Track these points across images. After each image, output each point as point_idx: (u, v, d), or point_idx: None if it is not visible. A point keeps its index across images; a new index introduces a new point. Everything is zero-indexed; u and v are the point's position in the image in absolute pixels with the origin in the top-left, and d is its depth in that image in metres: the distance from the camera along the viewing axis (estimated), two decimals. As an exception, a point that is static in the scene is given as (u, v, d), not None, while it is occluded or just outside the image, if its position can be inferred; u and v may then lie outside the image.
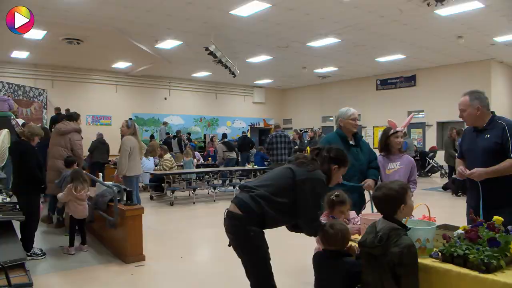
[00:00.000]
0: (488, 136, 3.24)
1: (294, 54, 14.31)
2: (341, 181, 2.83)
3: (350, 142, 3.97)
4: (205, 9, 9.44)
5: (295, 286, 4.29)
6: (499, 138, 3.16)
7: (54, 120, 11.71)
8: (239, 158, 14.89)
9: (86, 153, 12.59)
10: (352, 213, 3.20)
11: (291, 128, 20.65)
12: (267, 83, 21.59)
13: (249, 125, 22.51)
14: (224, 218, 2.66)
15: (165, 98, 19.65)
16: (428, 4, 8.91)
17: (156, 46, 12.77)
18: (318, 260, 2.58)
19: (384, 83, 18.59)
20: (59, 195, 5.61)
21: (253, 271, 2.62)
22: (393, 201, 2.29)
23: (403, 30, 11.25)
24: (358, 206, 3.76)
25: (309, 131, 17.65)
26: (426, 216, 2.54)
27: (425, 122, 17.19)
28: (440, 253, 2.22)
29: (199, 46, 12.10)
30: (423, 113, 17.26)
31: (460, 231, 2.33)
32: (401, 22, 10.56)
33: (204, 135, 20.41)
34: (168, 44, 12.66)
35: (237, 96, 22.13)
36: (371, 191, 3.67)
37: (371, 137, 18.62)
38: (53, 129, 7.28)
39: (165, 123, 18.42)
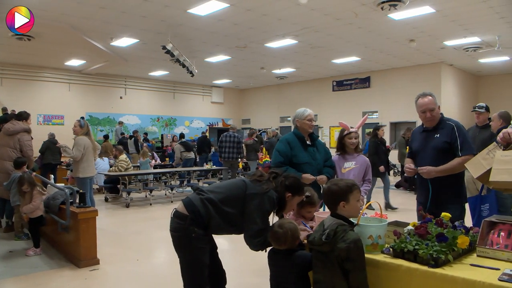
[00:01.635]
0: (438, 136, 3.40)
1: (253, 55, 14.37)
2: (295, 209, 2.84)
3: (308, 142, 4.05)
4: (162, 7, 9.30)
5: (262, 285, 4.31)
6: (448, 138, 3.33)
7: (2, 120, 11.18)
8: (198, 158, 14.79)
9: (37, 154, 12.14)
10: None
11: (250, 128, 20.70)
12: (225, 83, 21.55)
13: (207, 125, 22.38)
14: (171, 217, 2.68)
15: (121, 97, 19.19)
16: (382, 8, 9.17)
17: (112, 43, 12.46)
18: (272, 256, 2.60)
19: (340, 84, 19.01)
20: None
21: (187, 272, 2.65)
22: (334, 197, 2.35)
23: (358, 33, 11.53)
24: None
25: (268, 131, 17.77)
26: (378, 213, 2.61)
27: (379, 123, 17.67)
28: (391, 249, 2.29)
29: (156, 44, 11.91)
30: (377, 113, 17.79)
31: (410, 227, 2.42)
32: (356, 25, 10.82)
33: (162, 135, 20.10)
34: (124, 42, 12.37)
35: (195, 96, 21.94)
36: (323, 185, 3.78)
37: (328, 137, 18.98)
38: (1, 130, 6.96)
39: (120, 123, 18.01)
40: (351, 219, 2.36)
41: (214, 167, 12.53)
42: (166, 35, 11.24)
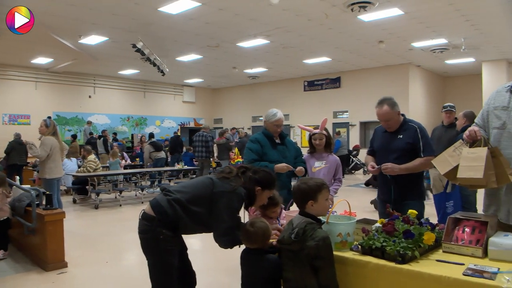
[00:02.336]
0: (401, 137, 3.51)
1: (225, 54, 14.33)
2: (265, 202, 2.84)
3: (277, 141, 4.09)
4: (132, 5, 9.16)
5: (233, 284, 4.30)
6: (411, 139, 3.46)
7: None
8: (169, 158, 14.66)
9: (2, 154, 11.76)
10: (283, 211, 3.27)
11: (222, 127, 20.62)
12: (197, 82, 21.41)
13: (179, 125, 22.17)
14: (139, 219, 2.63)
15: (90, 96, 18.78)
16: (352, 10, 9.30)
17: (80, 41, 12.17)
18: (243, 257, 2.60)
19: (311, 85, 19.20)
20: None
21: (155, 275, 2.61)
22: (303, 195, 2.38)
23: (329, 33, 11.67)
24: (287, 202, 3.87)
25: (239, 130, 17.77)
26: (347, 211, 2.65)
27: (349, 122, 17.99)
28: (359, 246, 2.32)
29: (126, 43, 11.73)
30: (347, 113, 18.06)
31: (378, 224, 2.46)
32: (327, 26, 10.95)
33: (132, 135, 19.80)
34: (93, 39, 12.11)
35: (166, 95, 21.70)
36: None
37: (299, 137, 19.13)
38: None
39: (89, 123, 17.64)
40: (319, 217, 2.39)
41: (186, 167, 12.43)
42: (136, 33, 11.09)
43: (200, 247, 5.85)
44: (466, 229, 2.35)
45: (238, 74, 18.47)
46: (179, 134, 19.22)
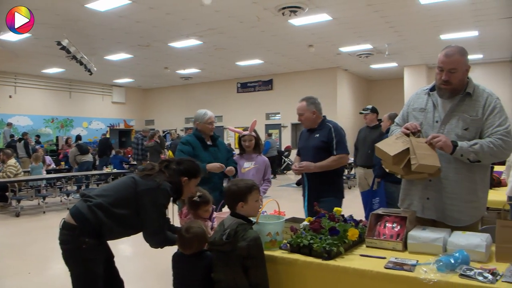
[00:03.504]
0: (318, 135, 3.75)
1: (156, 54, 14.03)
2: (193, 192, 2.83)
3: (208, 143, 4.09)
4: (57, 0, 8.69)
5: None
6: (325, 138, 3.69)
7: None
8: (98, 161, 14.09)
9: None
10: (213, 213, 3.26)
11: (153, 129, 20.11)
12: (127, 82, 20.75)
13: (108, 126, 21.35)
14: (59, 229, 2.48)
15: (10, 96, 17.52)
16: (283, 14, 9.50)
17: (-1, 37, 11.36)
18: (177, 259, 2.54)
19: (244, 86, 19.36)
20: None
21: (79, 286, 2.47)
22: (233, 197, 2.39)
23: (261, 36, 11.82)
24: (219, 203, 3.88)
25: (172, 132, 17.50)
26: (276, 211, 2.70)
27: (281, 124, 18.35)
28: (288, 245, 2.37)
29: (50, 39, 11.10)
30: (279, 115, 18.42)
31: (305, 223, 2.53)
32: (259, 29, 11.08)
33: (57, 137, 18.76)
34: (14, 35, 11.30)
35: (94, 95, 20.82)
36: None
37: (233, 138, 19.17)
38: None
39: (9, 124, 16.44)
40: (250, 217, 2.41)
41: (115, 170, 11.99)
42: (62, 30, 10.53)
43: (130, 253, 5.68)
44: (388, 225, 2.48)
45: (170, 75, 18.17)
46: (108, 136, 18.52)
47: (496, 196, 4.58)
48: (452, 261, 1.95)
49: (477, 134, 2.49)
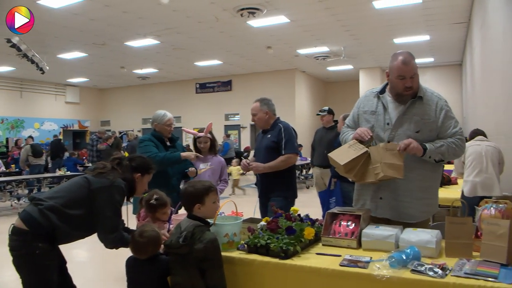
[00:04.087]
0: (269, 136, 3.82)
1: (112, 53, 13.69)
2: (146, 188, 2.79)
3: (168, 144, 4.05)
4: (5, -5, 8.32)
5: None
6: (276, 138, 3.76)
7: None
8: (50, 164, 13.58)
9: None
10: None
11: (110, 130, 19.64)
12: (82, 81, 20.11)
13: (61, 127, 20.60)
14: (9, 235, 2.36)
15: (-46, 95, 16.65)
16: (241, 15, 9.51)
17: None
18: (132, 264, 2.47)
19: (203, 87, 19.24)
20: None
21: None
22: (190, 198, 2.36)
23: (220, 37, 11.79)
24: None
25: (129, 133, 17.11)
26: (234, 212, 2.69)
27: (240, 124, 18.37)
28: (246, 245, 2.37)
29: (0, 37, 10.60)
30: (238, 116, 18.43)
31: (263, 223, 2.54)
32: (217, 30, 11.05)
33: (7, 138, 17.92)
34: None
35: (47, 95, 20.03)
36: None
37: (191, 139, 18.99)
38: None
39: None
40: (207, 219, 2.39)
41: (69, 173, 11.59)
42: (10, 27, 10.07)
43: (87, 258, 5.51)
44: (343, 223, 2.52)
45: (127, 74, 17.78)
46: (60, 137, 17.88)
47: (447, 193, 4.80)
48: (404, 257, 2.01)
49: (428, 136, 2.60)
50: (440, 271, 1.90)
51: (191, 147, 4.74)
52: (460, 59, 15.34)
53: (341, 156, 2.55)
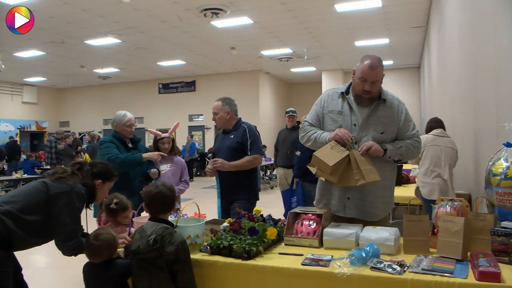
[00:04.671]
0: (232, 136, 3.83)
1: (71, 52, 13.30)
2: (107, 196, 2.73)
3: (129, 145, 3.98)
4: (-45, -11, 7.94)
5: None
6: (240, 138, 3.78)
7: None
8: (6, 166, 13.08)
9: None
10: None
11: (69, 131, 19.07)
12: (40, 81, 19.41)
13: (18, 128, 19.81)
14: None
15: None
16: (205, 15, 9.47)
17: None
18: (88, 269, 2.41)
19: (166, 87, 19.02)
20: None
21: None
22: (168, 202, 2.35)
23: (183, 37, 11.69)
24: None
25: (92, 134, 16.70)
26: (196, 213, 2.67)
27: (204, 125, 18.27)
28: (208, 247, 2.35)
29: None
30: (202, 116, 18.32)
31: (225, 224, 2.53)
32: (181, 29, 10.94)
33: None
34: None
35: (2, 95, 19.16)
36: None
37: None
38: None
39: None
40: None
41: (26, 175, 11.18)
42: (-39, 23, 9.63)
43: (47, 264, 5.33)
44: (305, 222, 2.55)
45: (87, 74, 17.31)
46: (17, 139, 17.22)
47: (405, 192, 4.94)
48: (364, 255, 2.05)
49: (390, 137, 2.73)
50: (398, 268, 1.95)
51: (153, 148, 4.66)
52: (418, 62, 15.86)
53: (327, 156, 2.55)
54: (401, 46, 13.24)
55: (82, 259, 2.42)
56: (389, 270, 1.94)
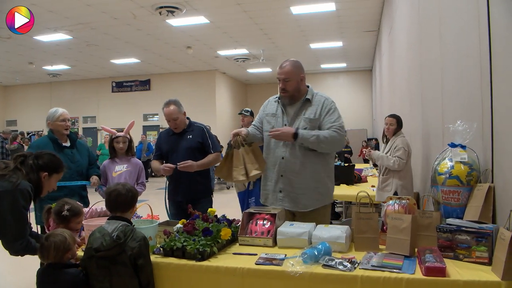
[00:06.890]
0: (191, 137, 3.84)
1: (19, 47, 12.69)
2: (55, 188, 2.60)
3: (64, 144, 3.74)
4: None
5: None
6: (200, 138, 3.84)
7: None
8: None
9: None
10: None
11: (16, 131, 18.20)
12: (-17, 78, 18.47)
13: (-41, 127, 18.75)
14: None
15: None
16: (160, 13, 9.32)
17: None
18: (41, 274, 2.31)
19: (120, 86, 18.56)
20: None
21: None
22: (131, 201, 2.36)
23: (137, 35, 11.45)
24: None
25: (35, 134, 16.04)
26: (149, 215, 2.63)
27: (159, 125, 17.98)
28: (161, 249, 2.32)
29: None
30: (157, 116, 18.02)
31: (179, 225, 2.51)
32: (134, 27, 10.71)
33: None
34: None
35: None
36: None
37: (109, 139, 18.28)
38: None
39: None
40: None
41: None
42: None
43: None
44: (259, 222, 2.57)
45: (35, 71, 16.58)
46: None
47: (357, 191, 5.06)
48: (316, 253, 2.10)
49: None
50: (349, 265, 2.00)
51: (107, 147, 4.49)
52: (370, 65, 16.33)
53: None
54: (354, 49, 13.59)
55: (32, 262, 2.33)
56: (340, 267, 2.00)
